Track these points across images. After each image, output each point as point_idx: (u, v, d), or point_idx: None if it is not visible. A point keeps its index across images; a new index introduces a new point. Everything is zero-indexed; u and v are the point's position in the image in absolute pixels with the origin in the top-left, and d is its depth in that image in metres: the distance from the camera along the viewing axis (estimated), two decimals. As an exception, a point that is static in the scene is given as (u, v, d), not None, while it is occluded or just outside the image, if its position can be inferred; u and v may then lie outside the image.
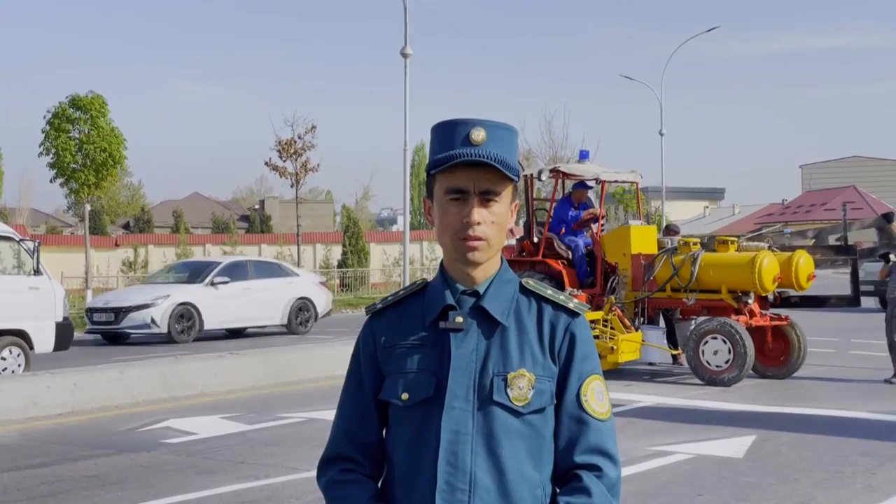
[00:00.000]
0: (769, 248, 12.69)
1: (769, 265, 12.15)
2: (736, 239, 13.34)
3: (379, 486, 2.01)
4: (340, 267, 42.15)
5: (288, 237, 45.27)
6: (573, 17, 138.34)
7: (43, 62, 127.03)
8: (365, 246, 43.89)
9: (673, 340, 13.57)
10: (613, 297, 13.19)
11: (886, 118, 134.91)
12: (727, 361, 11.91)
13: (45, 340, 14.19)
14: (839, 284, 12.95)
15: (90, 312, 20.17)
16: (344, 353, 11.11)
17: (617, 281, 13.55)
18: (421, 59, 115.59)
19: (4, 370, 13.54)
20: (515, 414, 1.89)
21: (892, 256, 12.32)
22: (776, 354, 12.72)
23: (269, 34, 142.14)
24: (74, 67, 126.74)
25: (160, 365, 12.10)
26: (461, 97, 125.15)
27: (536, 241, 14.30)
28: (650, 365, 13.60)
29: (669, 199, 52.25)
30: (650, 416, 9.98)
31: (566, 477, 1.93)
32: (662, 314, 13.87)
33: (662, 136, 43.59)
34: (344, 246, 43.14)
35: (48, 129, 27.10)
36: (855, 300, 12.35)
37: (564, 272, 13.75)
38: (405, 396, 1.93)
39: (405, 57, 24.06)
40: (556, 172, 14.54)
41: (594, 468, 1.91)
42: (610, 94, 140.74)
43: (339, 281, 41.12)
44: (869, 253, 12.74)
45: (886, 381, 12.00)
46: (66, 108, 27.24)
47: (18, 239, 14.30)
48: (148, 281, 23.00)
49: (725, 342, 11.91)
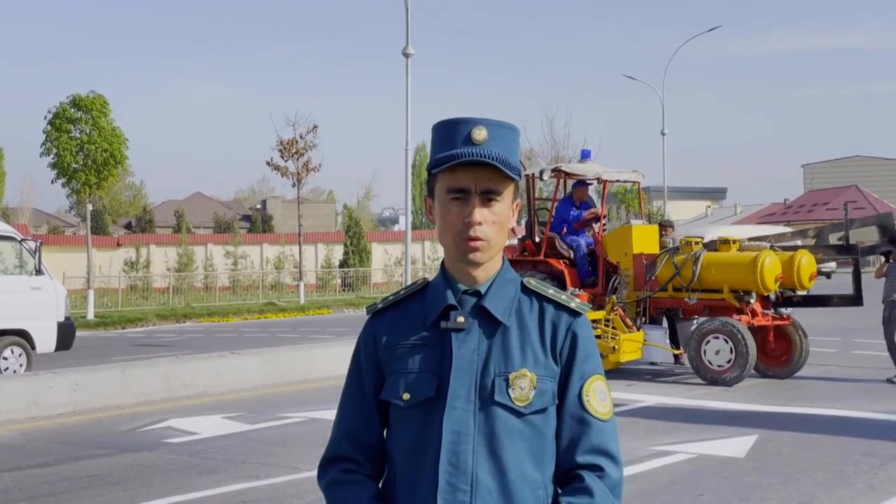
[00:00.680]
0: (771, 247, 12.68)
1: (771, 265, 12.14)
2: (738, 238, 13.32)
3: (380, 486, 2.00)
4: (342, 267, 42.18)
5: (290, 237, 45.28)
6: (575, 17, 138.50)
7: (44, 62, 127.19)
8: (366, 246, 43.93)
9: (675, 340, 13.56)
10: (615, 296, 13.19)
11: (888, 117, 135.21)
12: (729, 361, 11.90)
13: (46, 340, 14.21)
14: (837, 284, 12.93)
15: None
16: (345, 352, 11.11)
17: (619, 280, 13.54)
18: (422, 58, 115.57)
19: (6, 370, 13.55)
20: (517, 414, 1.88)
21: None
22: (778, 354, 12.71)
23: (270, 34, 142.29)
24: (76, 67, 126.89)
25: (162, 365, 12.09)
26: (463, 96, 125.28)
27: (538, 240, 14.29)
28: (652, 365, 13.59)
29: (671, 198, 52.22)
30: (652, 415, 9.97)
31: (568, 477, 1.92)
32: (664, 314, 13.86)
33: (664, 135, 43.55)
34: (346, 246, 43.17)
35: (49, 129, 27.08)
36: (857, 300, 12.32)
37: (566, 272, 13.75)
38: (406, 396, 1.92)
39: (407, 57, 24.05)
40: (557, 172, 14.53)
41: (596, 468, 1.90)
42: (612, 93, 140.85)
43: (340, 280, 41.15)
44: (869, 251, 12.72)
45: (889, 380, 11.98)
46: (67, 108, 27.22)
47: (20, 239, 14.31)
48: None
49: (727, 342, 11.90)
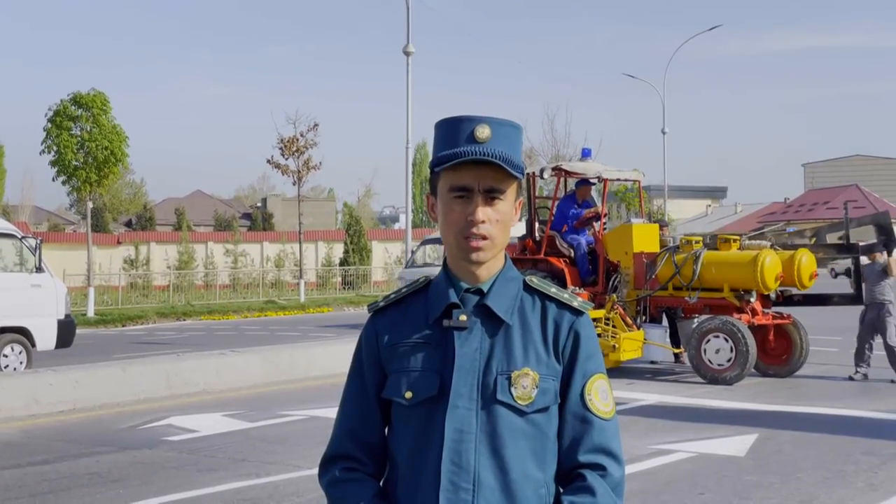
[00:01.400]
0: (771, 246, 12.68)
1: (771, 264, 12.14)
2: (738, 237, 13.33)
3: (381, 484, 2.00)
4: (342, 265, 42.16)
5: (290, 235, 45.28)
6: (576, 15, 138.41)
7: (45, 59, 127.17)
8: (367, 244, 43.91)
9: (675, 339, 13.56)
10: (615, 295, 13.19)
11: (889, 117, 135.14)
12: (729, 360, 11.90)
13: (46, 338, 14.22)
14: (838, 283, 12.93)
15: None
16: (346, 351, 11.14)
17: (619, 279, 13.54)
18: (423, 57, 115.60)
19: (6, 367, 13.55)
20: (519, 413, 1.88)
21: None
22: (778, 353, 12.72)
23: (271, 32, 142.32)
24: (76, 65, 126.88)
25: (162, 362, 12.10)
26: (463, 95, 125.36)
27: (538, 239, 14.29)
28: (652, 363, 13.59)
29: (672, 197, 52.22)
30: (652, 414, 9.97)
31: (570, 476, 1.92)
32: (664, 313, 13.86)
33: (665, 134, 43.55)
34: (346, 244, 43.15)
35: (50, 126, 27.07)
36: (858, 298, 12.33)
37: (566, 270, 13.75)
38: (409, 395, 1.91)
39: (407, 55, 24.05)
40: (558, 171, 14.53)
41: (598, 467, 1.89)
42: (612, 92, 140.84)
43: (340, 279, 41.14)
44: (869, 249, 12.74)
45: (892, 381, 11.98)
46: (67, 105, 27.21)
47: (20, 236, 14.31)
48: None
49: (727, 341, 11.90)
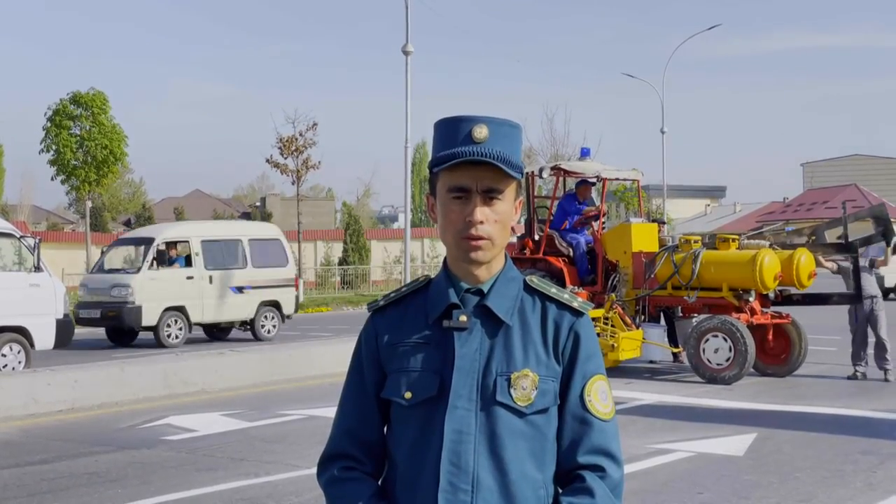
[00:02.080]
0: (770, 246, 12.68)
1: (770, 263, 12.14)
2: (737, 237, 13.33)
3: (379, 484, 1.99)
4: (341, 264, 42.15)
5: (289, 234, 45.10)
6: (575, 14, 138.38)
7: (44, 58, 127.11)
8: (366, 243, 43.92)
9: (674, 338, 13.56)
10: (614, 294, 13.19)
11: (888, 116, 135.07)
12: (728, 359, 11.90)
13: (45, 337, 14.20)
14: (836, 283, 12.93)
15: None
16: (344, 350, 11.11)
17: (618, 278, 13.54)
18: (422, 56, 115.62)
19: (5, 367, 13.54)
20: (519, 414, 1.87)
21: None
22: (777, 352, 12.72)
23: (270, 31, 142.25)
24: (75, 64, 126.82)
25: (161, 362, 12.09)
26: (462, 94, 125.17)
27: (537, 238, 14.29)
28: (651, 363, 13.59)
29: (671, 196, 52.19)
30: (651, 414, 9.97)
31: (569, 477, 1.91)
32: (663, 312, 13.86)
33: (664, 133, 43.52)
34: (345, 243, 43.15)
35: (49, 125, 27.09)
36: (857, 297, 12.34)
37: (565, 269, 13.75)
38: (408, 395, 1.91)
39: (406, 54, 24.02)
40: (557, 170, 14.53)
41: (597, 468, 1.89)
42: (611, 91, 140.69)
43: (339, 278, 41.14)
44: (867, 241, 12.77)
45: (886, 379, 12.01)
46: (67, 104, 27.23)
47: (19, 236, 14.30)
48: None
49: (726, 340, 11.91)
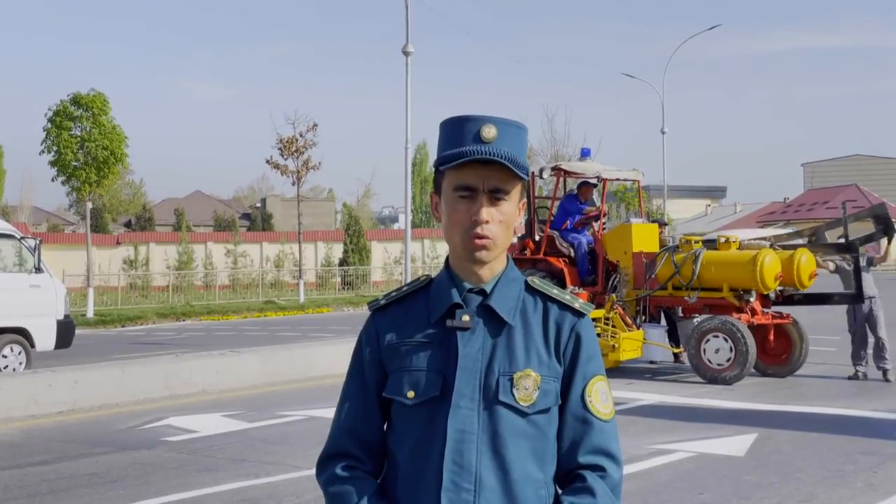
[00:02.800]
0: (771, 246, 12.68)
1: (771, 263, 12.14)
2: (737, 237, 13.32)
3: (379, 483, 1.99)
4: (342, 265, 42.16)
5: (289, 235, 45.28)
6: (575, 15, 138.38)
7: (45, 59, 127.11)
8: (366, 244, 43.93)
9: (674, 339, 13.56)
10: (615, 295, 13.19)
11: (888, 116, 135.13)
12: (729, 360, 11.90)
13: (46, 338, 14.21)
14: (835, 283, 12.93)
15: None
16: (345, 351, 11.11)
17: (618, 279, 13.55)
18: (422, 56, 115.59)
19: (6, 368, 13.54)
20: (521, 414, 1.88)
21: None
22: (778, 353, 12.72)
23: (270, 32, 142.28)
24: (76, 65, 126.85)
25: (161, 363, 12.09)
26: (463, 95, 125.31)
27: (538, 238, 14.29)
28: (652, 363, 13.59)
29: (671, 197, 52.20)
30: (652, 414, 9.97)
31: (569, 477, 1.92)
32: (664, 312, 13.86)
33: (664, 134, 43.50)
34: (345, 244, 43.16)
35: (50, 126, 27.08)
36: (858, 297, 12.33)
37: (566, 270, 13.76)
38: (411, 395, 1.91)
39: (406, 55, 24.00)
40: (557, 170, 14.53)
41: (598, 468, 1.90)
42: (612, 92, 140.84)
43: (340, 279, 41.14)
44: (867, 239, 12.78)
45: (886, 379, 12.00)
46: (67, 105, 27.21)
47: (20, 237, 14.30)
48: None
49: (727, 340, 11.90)
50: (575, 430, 1.92)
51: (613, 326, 12.52)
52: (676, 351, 13.43)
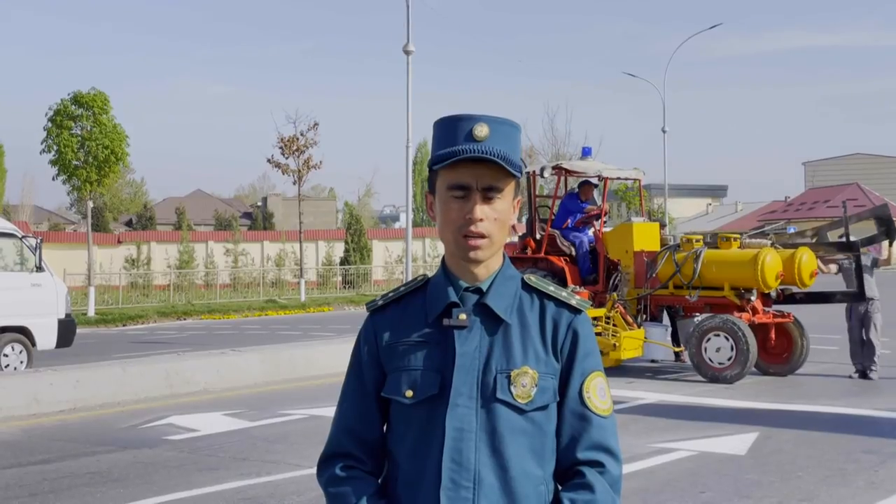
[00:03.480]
0: (772, 245, 12.68)
1: (772, 262, 12.13)
2: (738, 236, 13.32)
3: (379, 483, 2.00)
4: (343, 264, 42.16)
5: (290, 234, 45.30)
6: (576, 14, 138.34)
7: (45, 58, 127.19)
8: (367, 243, 43.93)
9: (675, 337, 13.56)
10: (616, 293, 13.19)
11: (889, 115, 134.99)
12: (730, 358, 11.90)
13: (47, 337, 14.22)
14: (836, 281, 12.94)
15: None
16: (346, 350, 11.15)
17: (619, 278, 13.55)
18: (423, 55, 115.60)
19: (7, 367, 13.55)
20: (519, 411, 1.88)
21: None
22: (779, 351, 12.72)
23: (271, 31, 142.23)
24: (77, 64, 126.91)
25: (162, 362, 12.10)
26: (464, 94, 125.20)
27: (539, 237, 14.30)
28: (653, 362, 13.59)
29: (672, 196, 52.19)
30: (653, 413, 9.97)
31: (568, 473, 1.93)
32: (665, 311, 13.86)
33: (665, 133, 43.49)
34: (346, 243, 43.16)
35: (50, 126, 27.09)
36: (860, 296, 12.33)
37: (567, 269, 13.76)
38: (409, 394, 1.91)
39: (408, 54, 24.01)
40: (558, 169, 14.53)
41: (597, 464, 1.91)
42: (613, 91, 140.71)
43: (341, 278, 41.15)
44: (869, 241, 12.78)
45: (865, 376, 12.05)
46: (68, 104, 27.23)
47: (21, 236, 14.31)
48: None
49: (728, 339, 11.90)
50: (573, 426, 1.92)
51: (614, 325, 12.52)
52: (677, 350, 13.43)
